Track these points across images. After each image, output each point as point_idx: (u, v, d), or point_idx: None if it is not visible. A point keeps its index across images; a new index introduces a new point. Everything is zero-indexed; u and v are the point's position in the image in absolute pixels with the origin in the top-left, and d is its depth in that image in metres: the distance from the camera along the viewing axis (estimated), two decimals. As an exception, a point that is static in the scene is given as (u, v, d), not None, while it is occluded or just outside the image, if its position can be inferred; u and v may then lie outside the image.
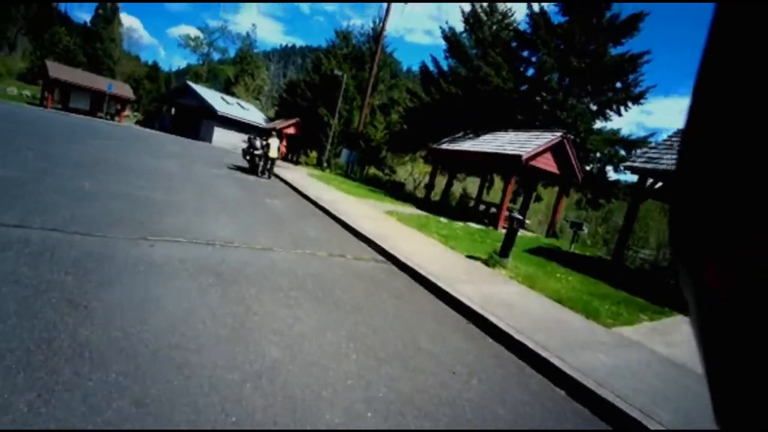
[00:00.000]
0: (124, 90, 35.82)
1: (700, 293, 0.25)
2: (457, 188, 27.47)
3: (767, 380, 0.21)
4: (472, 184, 29.16)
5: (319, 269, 5.13)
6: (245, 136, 30.22)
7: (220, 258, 4.61)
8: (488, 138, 14.84)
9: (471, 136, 15.89)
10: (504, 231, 13.42)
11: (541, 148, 12.55)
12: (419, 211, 13.64)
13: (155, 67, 68.55)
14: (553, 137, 12.86)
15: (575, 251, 11.76)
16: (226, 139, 33.10)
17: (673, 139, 9.31)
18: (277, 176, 14.84)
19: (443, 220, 12.18)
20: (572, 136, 13.87)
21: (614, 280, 7.88)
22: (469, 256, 7.63)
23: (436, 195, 21.34)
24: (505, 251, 7.30)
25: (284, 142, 28.29)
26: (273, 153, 14.20)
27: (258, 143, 14.58)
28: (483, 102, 17.71)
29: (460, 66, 21.58)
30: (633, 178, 10.62)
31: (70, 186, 6.24)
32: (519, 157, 12.17)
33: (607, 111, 16.80)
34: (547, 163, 13.27)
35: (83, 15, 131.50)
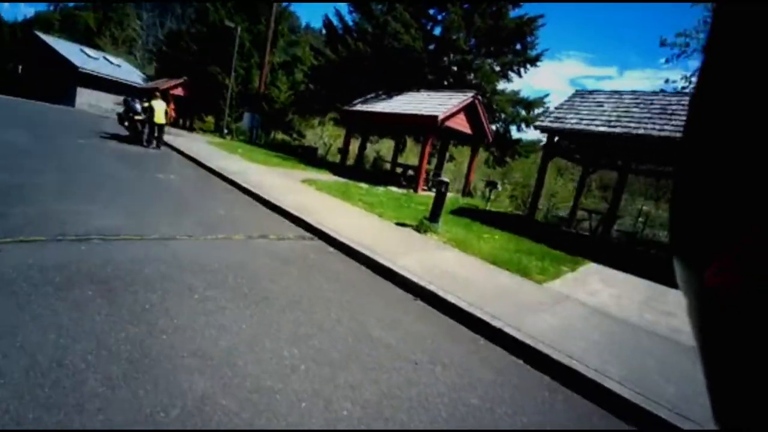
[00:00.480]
0: (-66, 37, 27.27)
1: (701, 294, 0.25)
2: (370, 151, 27.11)
3: (766, 380, 0.21)
4: (385, 147, 29.05)
5: (239, 257, 4.30)
6: (120, 98, 25.80)
7: (103, 258, 3.52)
8: (402, 99, 14.47)
9: (384, 96, 15.35)
10: (424, 193, 13.65)
11: (456, 109, 12.59)
12: (337, 178, 12.94)
13: None
14: (465, 98, 12.96)
15: (491, 209, 12.33)
16: (93, 102, 27.70)
17: (575, 99, 9.92)
18: (168, 145, 12.70)
19: (364, 186, 11.71)
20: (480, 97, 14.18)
21: (533, 235, 8.34)
22: (399, 224, 7.34)
23: (350, 159, 20.68)
24: (434, 216, 7.15)
25: (172, 105, 24.52)
26: (160, 118, 12.00)
27: (138, 106, 12.17)
28: (393, 61, 17.13)
29: (365, 21, 20.47)
30: (532, 137, 11.22)
31: None
32: (435, 117, 12.05)
33: (509, 72, 17.55)
34: (461, 124, 13.45)
35: None
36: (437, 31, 17.79)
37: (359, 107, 14.85)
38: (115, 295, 2.94)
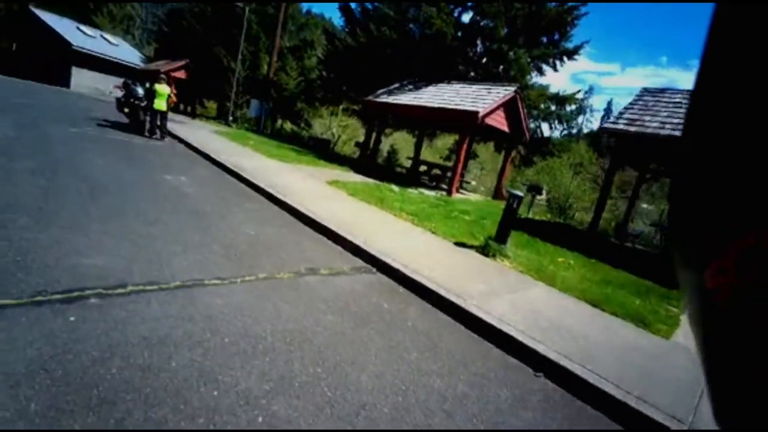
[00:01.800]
0: None
1: (701, 294, 0.25)
2: (384, 145, 25.59)
3: (766, 381, 0.22)
4: (396, 140, 27.65)
5: (295, 316, 3.03)
6: (119, 81, 24.14)
7: (104, 342, 2.24)
8: (432, 91, 13.09)
9: (410, 87, 13.95)
10: (460, 196, 12.34)
11: (496, 104, 11.27)
12: (363, 178, 11.63)
13: None
14: (507, 92, 11.61)
15: (535, 218, 11.09)
16: (90, 83, 26.03)
17: (646, 98, 8.61)
18: (172, 135, 11.30)
19: (395, 188, 10.41)
20: (519, 91, 12.81)
21: (605, 256, 7.13)
22: (459, 243, 6.08)
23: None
24: (503, 236, 5.90)
25: (174, 89, 22.88)
26: (160, 104, 10.57)
27: (140, 90, 10.74)
28: (419, 49, 15.70)
29: (384, 5, 18.92)
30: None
31: None
32: (476, 113, 10.73)
33: (543, 65, 16.16)
34: (499, 121, 12.13)
35: None
36: (466, 16, 16.29)
37: (384, 98, 13.46)
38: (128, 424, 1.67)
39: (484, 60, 15.33)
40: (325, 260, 4.45)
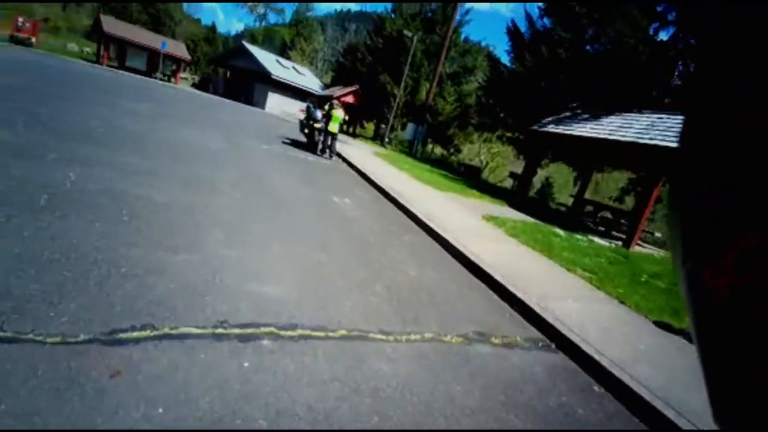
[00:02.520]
0: (179, 49, 34.46)
1: (700, 295, 0.25)
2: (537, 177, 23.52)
3: (766, 380, 0.22)
4: (556, 174, 25.17)
5: (469, 407, 2.40)
6: (302, 105, 27.92)
7: (262, 391, 1.99)
8: (615, 121, 11.18)
9: (585, 116, 12.24)
10: (640, 249, 10.15)
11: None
12: (518, 214, 10.54)
13: (213, 28, 67.61)
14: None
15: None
16: (280, 106, 31.02)
17: None
18: (338, 155, 12.21)
19: (559, 231, 9.03)
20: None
21: None
22: (661, 324, 4.61)
23: (495, 181, 17.90)
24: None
25: (345, 114, 25.68)
26: (334, 127, 11.50)
27: (319, 114, 11.93)
28: (597, 72, 13.81)
29: (558, 27, 17.41)
30: None
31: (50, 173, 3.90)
32: (672, 149, 8.60)
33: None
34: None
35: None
36: (664, 34, 13.63)
37: (552, 128, 12.09)
38: None
39: (679, 82, 12.47)
40: (494, 322, 3.73)
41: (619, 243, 9.88)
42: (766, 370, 0.22)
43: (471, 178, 18.21)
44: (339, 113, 11.60)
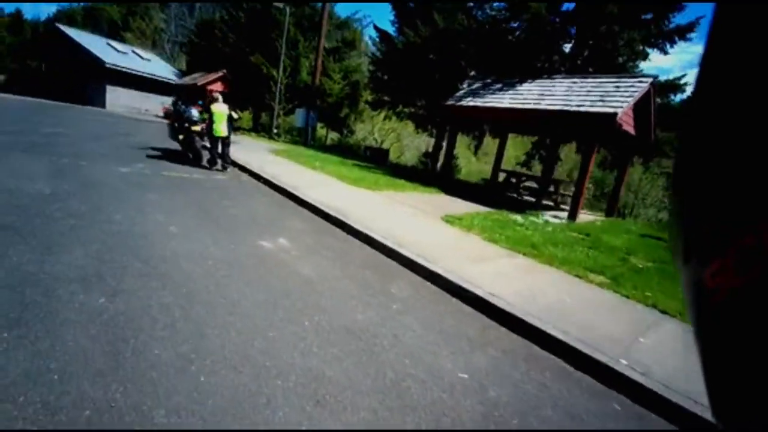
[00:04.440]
0: (-46, 37, 24.93)
1: (701, 294, 0.25)
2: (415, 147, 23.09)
3: (766, 380, 0.22)
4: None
5: None
6: (158, 99, 22.90)
7: None
8: (534, 89, 10.67)
9: (498, 86, 11.58)
10: (585, 218, 9.88)
11: (632, 103, 8.81)
12: (462, 201, 9.44)
13: (18, 16, 51.81)
14: (641, 87, 9.08)
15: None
16: (125, 102, 24.94)
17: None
18: (234, 164, 9.38)
19: (518, 218, 8.14)
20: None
21: None
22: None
23: (402, 160, 17.02)
24: None
25: (235, 109, 21.30)
26: (220, 129, 8.64)
27: (194, 112, 8.88)
28: (499, 42, 13.31)
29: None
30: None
31: None
32: (613, 116, 8.35)
33: (649, 48, 13.39)
34: (628, 122, 9.62)
35: None
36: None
37: (472, 102, 11.16)
38: None
39: (590, 41, 12.63)
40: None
41: (562, 215, 9.52)
42: (765, 370, 0.21)
43: (381, 163, 16.78)
44: (222, 108, 8.72)
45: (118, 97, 24.87)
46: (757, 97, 0.21)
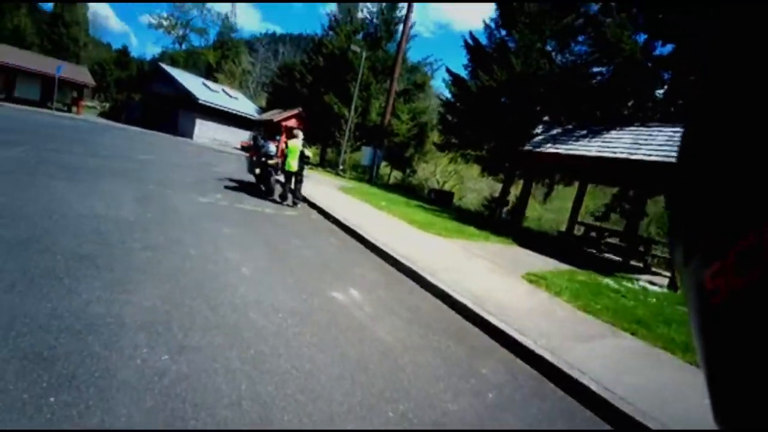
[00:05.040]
0: (80, 74, 29.21)
1: (701, 296, 0.25)
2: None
3: (766, 381, 0.22)
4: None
5: None
6: (240, 132, 24.47)
7: None
8: (624, 137, 9.72)
9: (583, 132, 10.76)
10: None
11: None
12: (538, 257, 8.56)
13: (125, 51, 60.66)
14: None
15: None
16: (211, 134, 27.18)
17: None
18: (305, 200, 9.41)
19: (610, 283, 7.09)
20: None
21: None
22: None
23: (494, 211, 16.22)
24: None
25: (310, 147, 22.53)
26: (293, 164, 8.69)
27: (272, 148, 9.12)
28: (582, 84, 12.59)
29: (531, 34, 16.21)
30: None
31: None
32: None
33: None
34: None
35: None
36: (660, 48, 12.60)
37: (552, 148, 10.42)
38: None
39: (677, 96, 11.54)
40: None
41: (659, 282, 8.21)
42: (766, 371, 0.21)
43: (445, 205, 16.26)
44: (297, 143, 8.83)
45: (204, 130, 27.21)
46: (756, 98, 0.21)
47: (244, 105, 30.96)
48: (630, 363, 3.77)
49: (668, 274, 10.69)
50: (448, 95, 18.78)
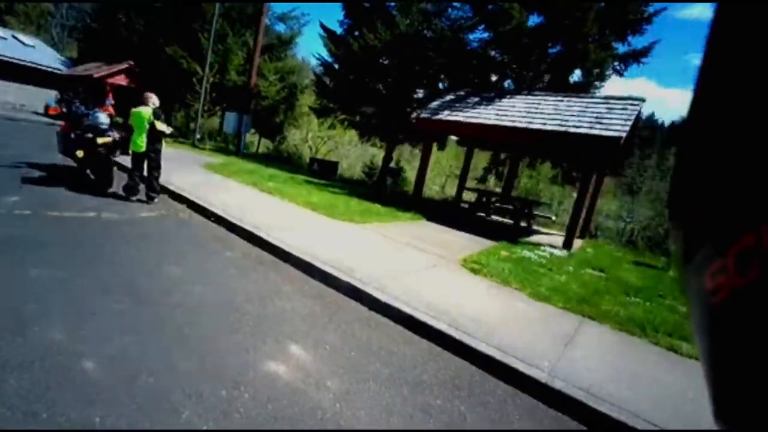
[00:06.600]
0: None
1: (701, 295, 0.25)
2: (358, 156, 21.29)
3: (767, 380, 0.22)
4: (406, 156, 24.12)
5: None
6: (44, 92, 18.96)
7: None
8: (517, 105, 9.76)
9: (476, 100, 10.52)
10: (577, 245, 8.89)
11: (631, 124, 8.29)
12: (455, 233, 8.09)
13: None
14: (634, 108, 8.65)
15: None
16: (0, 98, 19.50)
17: None
18: (164, 190, 6.82)
19: (526, 253, 6.96)
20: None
21: None
22: None
23: (381, 181, 15.51)
24: None
25: (112, 100, 17.25)
26: (139, 143, 6.06)
27: (102, 117, 6.22)
28: (462, 51, 12.36)
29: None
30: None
31: None
32: (616, 140, 7.72)
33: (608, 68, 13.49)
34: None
35: None
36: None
37: (452, 116, 9.92)
38: None
39: (561, 56, 12.13)
40: None
41: (554, 243, 8.66)
42: (766, 370, 0.22)
43: (331, 177, 14.88)
44: (144, 111, 6.15)
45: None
46: (755, 99, 0.21)
47: (44, 55, 23.03)
48: (615, 361, 3.29)
49: (547, 231, 11.73)
50: (324, 54, 16.82)
